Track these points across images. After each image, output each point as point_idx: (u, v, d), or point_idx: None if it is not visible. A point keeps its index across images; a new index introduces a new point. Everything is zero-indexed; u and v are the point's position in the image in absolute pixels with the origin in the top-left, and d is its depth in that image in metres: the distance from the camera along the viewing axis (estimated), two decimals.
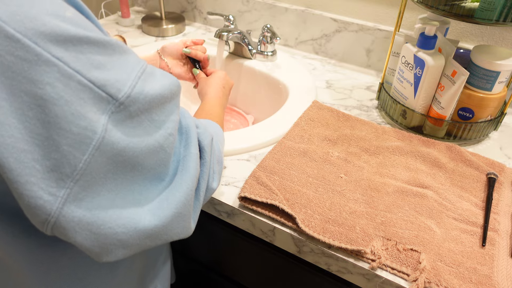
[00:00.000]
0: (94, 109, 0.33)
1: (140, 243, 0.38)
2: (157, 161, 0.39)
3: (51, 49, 0.31)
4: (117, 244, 0.37)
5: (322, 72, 0.97)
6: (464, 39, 0.87)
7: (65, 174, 0.33)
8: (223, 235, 0.72)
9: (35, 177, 0.32)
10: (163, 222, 0.39)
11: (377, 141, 0.72)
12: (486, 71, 0.69)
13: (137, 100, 0.36)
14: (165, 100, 0.39)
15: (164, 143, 0.39)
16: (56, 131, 0.32)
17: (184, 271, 0.90)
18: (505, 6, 0.61)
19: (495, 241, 0.56)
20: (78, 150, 0.33)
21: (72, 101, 0.32)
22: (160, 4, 1.11)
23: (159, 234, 0.39)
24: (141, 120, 0.37)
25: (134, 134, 0.36)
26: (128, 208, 0.38)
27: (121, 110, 0.35)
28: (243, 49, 0.98)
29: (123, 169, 0.36)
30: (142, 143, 0.37)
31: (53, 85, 0.31)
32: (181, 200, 0.40)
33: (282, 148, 0.69)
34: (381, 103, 0.84)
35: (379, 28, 0.92)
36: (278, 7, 1.02)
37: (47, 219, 0.33)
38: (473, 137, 0.75)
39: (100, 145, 0.33)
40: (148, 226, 0.38)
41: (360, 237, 0.55)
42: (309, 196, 0.60)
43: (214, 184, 0.49)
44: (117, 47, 0.36)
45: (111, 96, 0.34)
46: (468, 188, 0.64)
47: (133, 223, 0.37)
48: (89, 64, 0.33)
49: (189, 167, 0.42)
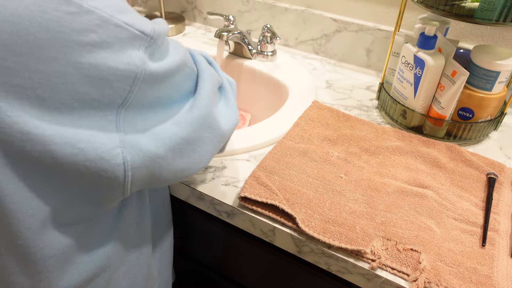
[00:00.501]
0: (132, 46, 0.38)
1: (195, 133, 0.46)
2: (184, 75, 0.46)
3: (86, 0, 0.35)
4: (179, 141, 0.44)
5: (322, 72, 0.97)
6: (464, 39, 0.87)
7: (117, 104, 0.39)
8: (223, 235, 0.72)
9: (97, 116, 0.38)
10: (202, 111, 0.47)
11: (377, 141, 0.72)
12: (486, 71, 0.69)
13: (161, 33, 0.41)
14: (166, 33, 0.45)
15: (185, 60, 0.46)
16: (106, 71, 0.37)
17: (184, 271, 0.90)
18: (505, 6, 0.61)
19: (495, 241, 0.56)
20: (126, 84, 0.38)
21: (113, 42, 0.37)
22: (160, 4, 1.11)
23: (206, 122, 0.47)
24: (164, 49, 0.42)
25: (163, 60, 0.42)
26: (170, 118, 0.45)
27: (152, 43, 0.40)
28: (243, 49, 0.98)
29: (163, 91, 0.43)
30: (172, 65, 0.43)
31: (95, 31, 0.36)
32: (203, 104, 0.47)
33: (282, 148, 0.69)
34: (381, 103, 0.84)
35: (379, 28, 0.92)
36: (278, 7, 1.02)
37: (113, 149, 0.39)
38: (473, 137, 0.75)
39: (143, 76, 0.39)
40: (198, 109, 0.46)
41: (360, 237, 0.55)
42: (309, 196, 0.60)
43: (231, 79, 0.58)
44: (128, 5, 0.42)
45: (142, 32, 0.39)
46: (468, 188, 0.64)
47: (178, 119, 0.45)
48: (118, 9, 0.38)
49: (202, 67, 0.50)
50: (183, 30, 1.14)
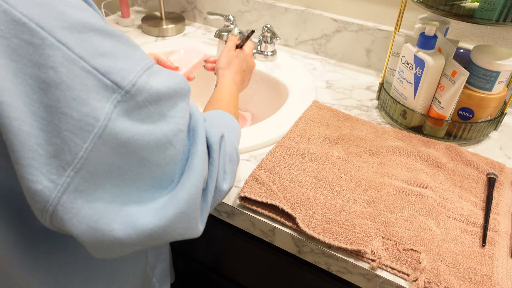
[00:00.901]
0: (98, 96, 0.33)
1: (138, 243, 0.37)
2: (165, 158, 0.38)
3: (56, 34, 0.31)
4: (113, 241, 0.36)
5: (322, 72, 0.97)
6: (464, 39, 0.87)
7: (65, 162, 0.32)
8: (223, 235, 0.72)
9: (37, 161, 0.32)
10: (164, 222, 0.37)
11: (377, 141, 0.72)
12: (486, 71, 0.69)
13: (144, 90, 0.35)
14: (175, 95, 0.38)
15: (173, 139, 0.38)
16: (57, 116, 0.32)
17: (184, 271, 0.90)
18: (505, 6, 0.61)
19: (495, 241, 0.56)
20: (79, 137, 0.32)
21: (74, 87, 0.32)
22: (160, 4, 1.11)
23: (160, 234, 0.38)
24: (150, 112, 0.36)
25: (141, 125, 0.35)
26: (130, 205, 0.36)
27: (128, 99, 0.34)
28: None
29: (129, 163, 0.35)
30: (150, 136, 0.35)
31: (56, 70, 0.31)
32: (184, 199, 0.38)
33: (282, 148, 0.69)
34: (381, 103, 0.84)
35: (379, 28, 0.92)
36: (278, 7, 1.02)
37: (45, 206, 0.33)
38: (473, 137, 0.75)
39: (103, 134, 0.33)
40: (148, 225, 0.36)
41: (360, 237, 0.55)
42: (309, 196, 0.60)
43: (225, 185, 0.46)
44: (123, 39, 0.36)
45: (116, 84, 0.33)
46: (468, 188, 0.64)
47: (132, 220, 0.36)
48: (94, 51, 0.33)
49: (194, 164, 0.40)
50: (183, 30, 1.14)
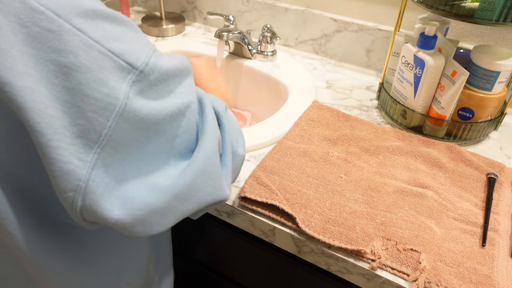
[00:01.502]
0: (116, 77, 0.35)
1: (169, 206, 0.39)
2: (179, 127, 0.40)
3: (72, 20, 0.33)
4: (145, 208, 0.37)
5: (322, 72, 0.97)
6: (464, 39, 0.87)
7: (91, 140, 0.34)
8: (223, 235, 0.72)
9: (65, 143, 0.34)
10: (186, 181, 0.39)
11: (377, 141, 0.72)
12: (486, 71, 0.69)
13: (155, 69, 0.37)
14: (180, 73, 0.41)
15: (185, 110, 0.40)
16: (80, 98, 0.34)
17: (184, 271, 0.90)
18: (505, 6, 0.61)
19: (495, 241, 0.56)
20: (102, 116, 0.34)
21: (93, 69, 0.34)
22: (160, 4, 1.11)
23: (187, 194, 0.40)
24: (160, 89, 0.38)
25: (154, 101, 0.37)
26: (154, 174, 0.39)
27: (142, 78, 0.36)
28: (243, 49, 0.98)
29: (148, 136, 0.38)
30: (164, 110, 0.38)
31: (75, 54, 0.33)
32: (201, 158, 0.40)
33: (282, 148, 0.69)
34: (381, 103, 0.84)
35: (379, 28, 0.92)
36: (278, 7, 1.02)
37: (78, 185, 0.34)
38: (473, 137, 0.75)
39: (123, 112, 0.35)
40: (171, 185, 0.39)
41: (360, 237, 0.55)
42: (309, 196, 0.60)
43: (240, 150, 0.49)
44: (129, 24, 0.38)
45: (130, 65, 0.36)
46: (468, 188, 0.64)
47: (157, 185, 0.38)
48: (107, 35, 0.35)
49: (205, 128, 0.43)
50: (183, 30, 1.14)
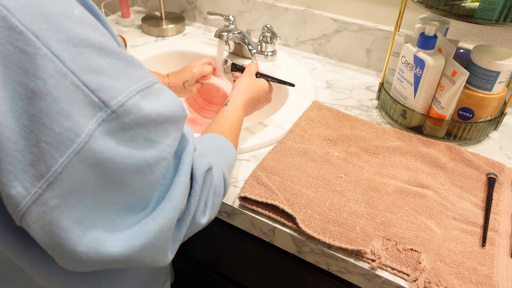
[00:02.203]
0: (84, 112, 0.32)
1: (101, 265, 0.37)
2: (143, 182, 0.37)
3: (51, 45, 0.31)
4: (74, 259, 0.35)
5: (322, 72, 0.97)
6: (464, 39, 0.87)
7: (40, 172, 0.32)
8: (223, 235, 0.72)
9: (14, 167, 0.32)
10: (129, 252, 0.36)
11: (377, 141, 0.72)
12: (486, 71, 0.69)
13: (131, 112, 0.34)
14: (165, 121, 0.37)
15: (154, 166, 0.37)
16: (38, 126, 0.32)
17: (184, 271, 0.90)
18: (505, 6, 0.61)
19: (495, 241, 0.56)
20: (56, 150, 0.32)
21: (60, 100, 0.32)
22: (160, 4, 1.11)
23: (123, 262, 0.37)
24: (135, 134, 0.35)
25: (124, 147, 0.35)
26: (98, 227, 0.35)
27: (113, 119, 0.33)
28: (243, 49, 0.98)
29: (104, 183, 0.35)
30: (130, 159, 0.35)
31: (44, 80, 0.31)
32: (155, 231, 0.37)
33: (282, 148, 0.69)
34: (381, 103, 0.84)
35: (379, 28, 0.92)
36: (278, 7, 1.02)
37: (15, 210, 0.33)
38: (473, 137, 0.75)
39: (81, 150, 0.32)
40: (111, 252, 0.36)
41: (360, 237, 0.55)
42: (309, 196, 0.60)
43: (202, 220, 0.45)
44: (122, 56, 0.35)
45: (103, 102, 0.33)
46: (468, 188, 0.64)
47: (97, 245, 0.35)
48: (87, 67, 0.33)
49: (173, 196, 0.39)
50: (183, 30, 1.14)
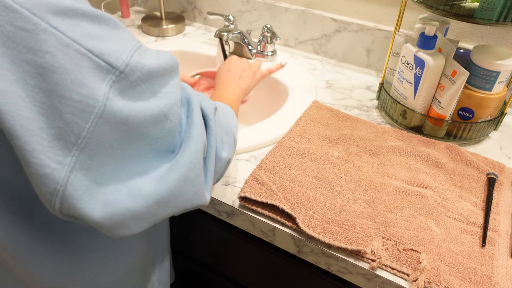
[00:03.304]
0: (94, 78, 0.34)
1: (149, 211, 0.38)
2: (162, 130, 0.39)
3: (48, 19, 0.32)
4: (125, 213, 0.37)
5: (322, 72, 0.97)
6: (464, 39, 0.87)
7: (70, 142, 0.33)
8: (223, 235, 0.72)
9: (41, 145, 0.33)
10: (168, 187, 0.39)
11: (377, 141, 0.72)
12: (486, 71, 0.69)
13: (137, 69, 0.36)
14: (164, 72, 0.39)
15: (168, 112, 0.39)
16: (58, 99, 0.32)
17: (184, 271, 0.90)
18: (505, 6, 0.61)
19: (495, 241, 0.56)
20: (80, 118, 0.33)
21: (71, 69, 0.32)
22: (160, 4, 1.11)
23: (168, 200, 0.39)
24: (142, 90, 0.37)
25: (136, 102, 0.36)
26: (134, 177, 0.38)
27: (122, 79, 0.35)
28: (243, 49, 0.98)
29: (129, 139, 0.37)
30: (146, 112, 0.37)
31: (52, 54, 0.32)
32: (186, 163, 0.40)
33: (282, 148, 0.69)
34: (381, 103, 0.84)
35: (379, 28, 0.92)
36: (278, 7, 1.02)
37: (55, 188, 0.34)
38: (473, 137, 0.75)
39: (103, 113, 0.34)
40: (153, 191, 0.38)
41: (360, 237, 0.55)
42: (309, 196, 0.60)
43: (224, 153, 0.48)
44: (111, 22, 0.37)
45: (110, 65, 0.34)
46: (468, 188, 0.64)
47: (138, 189, 0.37)
48: (86, 34, 0.34)
49: (192, 133, 0.41)
50: (183, 30, 1.14)
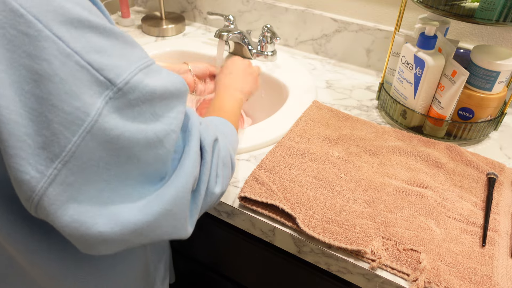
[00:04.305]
0: (91, 91, 0.33)
1: (122, 239, 0.36)
2: (155, 156, 0.37)
3: (52, 27, 0.32)
4: (97, 236, 0.35)
5: (322, 72, 0.97)
6: (464, 39, 0.87)
7: (54, 154, 0.33)
8: (223, 235, 0.72)
9: (25, 152, 0.32)
10: (148, 218, 0.37)
11: (377, 141, 0.72)
12: (486, 71, 0.69)
13: (137, 88, 0.35)
14: (169, 95, 0.38)
15: (164, 139, 0.38)
16: (48, 108, 0.32)
17: (184, 271, 0.90)
18: (505, 6, 0.61)
19: (495, 241, 0.56)
20: (68, 130, 0.32)
21: (67, 80, 0.32)
22: (160, 4, 1.11)
23: (144, 231, 0.37)
24: (142, 110, 0.36)
25: (132, 123, 0.35)
26: (116, 200, 0.36)
27: (120, 96, 0.34)
28: (243, 49, 0.98)
29: (117, 159, 0.35)
30: (140, 134, 0.36)
31: (50, 62, 0.31)
32: (171, 196, 0.38)
33: (282, 148, 0.69)
34: (381, 103, 0.84)
35: (379, 28, 0.92)
36: (278, 7, 1.02)
37: (31, 196, 0.33)
38: (473, 137, 0.75)
39: (92, 128, 0.33)
40: (132, 220, 0.36)
41: (360, 237, 0.55)
42: (309, 196, 0.60)
43: (217, 189, 0.45)
44: (121, 37, 0.36)
45: (109, 80, 0.34)
46: (468, 188, 0.64)
47: (117, 215, 0.36)
48: (89, 47, 0.33)
49: (185, 164, 0.40)
50: (183, 30, 1.14)
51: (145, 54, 0.38)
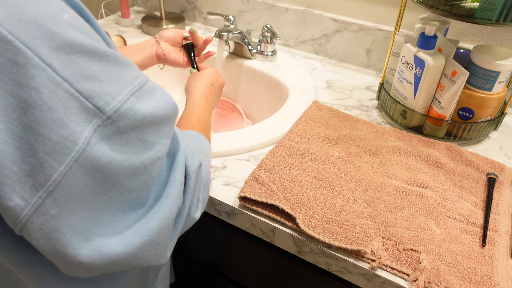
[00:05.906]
0: (79, 120, 0.32)
1: (104, 267, 0.37)
2: (139, 183, 0.37)
3: (42, 54, 0.31)
4: (78, 265, 0.35)
5: (322, 72, 0.97)
6: (464, 39, 0.87)
7: (39, 183, 0.32)
8: (223, 235, 0.72)
9: (11, 179, 0.32)
10: (131, 250, 0.37)
11: (377, 141, 0.72)
12: (486, 71, 0.69)
13: (127, 116, 0.34)
14: (159, 121, 0.38)
15: (150, 166, 0.38)
16: (35, 137, 0.31)
17: (184, 271, 0.90)
18: (505, 6, 0.61)
19: (495, 241, 0.56)
20: (55, 160, 0.32)
21: (55, 109, 0.31)
22: (160, 4, 1.11)
23: (126, 261, 0.37)
24: (130, 138, 0.35)
25: (120, 151, 0.35)
26: (98, 229, 0.36)
27: (108, 124, 0.34)
28: (243, 49, 0.98)
29: (102, 187, 0.35)
30: (126, 162, 0.35)
31: (38, 90, 0.31)
32: (155, 228, 0.38)
33: (282, 148, 0.69)
34: (381, 103, 0.84)
35: (379, 28, 0.92)
36: (278, 7, 1.02)
37: (15, 221, 0.33)
38: (473, 137, 0.75)
39: (80, 157, 0.32)
40: (114, 251, 0.36)
41: (360, 237, 0.55)
42: (309, 196, 0.60)
43: (197, 214, 0.46)
44: (114, 59, 0.35)
45: (98, 108, 0.33)
46: (468, 188, 0.64)
47: (99, 246, 0.35)
48: (80, 73, 0.32)
49: (170, 194, 0.40)
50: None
51: (140, 73, 0.38)
